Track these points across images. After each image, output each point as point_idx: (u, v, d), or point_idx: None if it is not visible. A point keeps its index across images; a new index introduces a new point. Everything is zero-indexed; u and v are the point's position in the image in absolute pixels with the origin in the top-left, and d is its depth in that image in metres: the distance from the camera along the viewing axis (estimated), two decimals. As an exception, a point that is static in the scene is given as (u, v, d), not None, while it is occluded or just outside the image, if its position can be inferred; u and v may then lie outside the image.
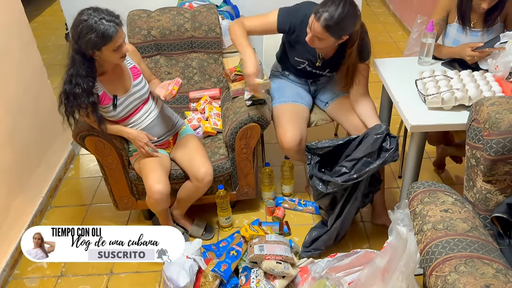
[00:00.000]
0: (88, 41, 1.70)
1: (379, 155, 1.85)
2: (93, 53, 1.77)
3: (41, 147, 2.59)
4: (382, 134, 1.84)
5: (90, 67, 1.81)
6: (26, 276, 2.18)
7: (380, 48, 4.05)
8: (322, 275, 1.86)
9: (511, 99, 1.41)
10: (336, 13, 1.78)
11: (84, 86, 1.80)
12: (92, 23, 1.69)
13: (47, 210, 2.57)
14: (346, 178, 1.85)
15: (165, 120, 2.13)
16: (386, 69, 2.10)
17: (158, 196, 1.93)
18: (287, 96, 2.22)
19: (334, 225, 2.02)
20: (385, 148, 1.84)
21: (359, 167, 1.85)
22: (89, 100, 1.84)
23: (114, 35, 1.72)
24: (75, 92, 1.80)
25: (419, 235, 1.32)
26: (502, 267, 1.15)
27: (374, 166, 1.83)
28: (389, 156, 1.83)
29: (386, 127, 1.87)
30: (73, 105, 1.84)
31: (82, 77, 1.79)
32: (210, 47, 2.51)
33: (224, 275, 1.90)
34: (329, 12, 1.79)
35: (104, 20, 1.70)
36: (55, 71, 3.21)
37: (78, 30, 1.71)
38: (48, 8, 5.86)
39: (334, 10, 1.78)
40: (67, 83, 1.81)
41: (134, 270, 2.16)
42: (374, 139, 1.84)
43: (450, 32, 2.14)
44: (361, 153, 1.85)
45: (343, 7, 1.79)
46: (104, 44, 1.72)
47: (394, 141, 1.84)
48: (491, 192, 1.42)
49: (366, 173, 1.84)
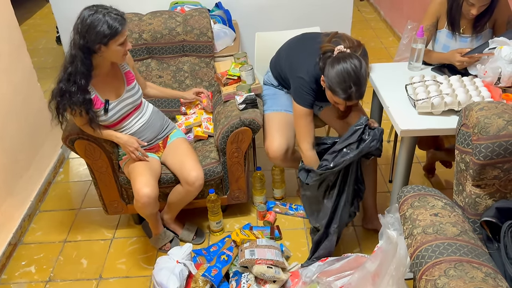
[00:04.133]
0: (98, 33, 1.73)
1: (358, 146, 1.85)
2: (99, 48, 1.78)
3: (30, 150, 2.57)
4: (362, 126, 1.83)
5: (89, 65, 1.82)
6: (13, 281, 2.15)
7: (371, 54, 4.03)
8: (313, 280, 1.86)
9: (499, 104, 1.42)
10: (358, 81, 1.71)
11: (81, 83, 1.80)
12: (100, 16, 1.73)
13: (36, 215, 2.54)
14: (324, 168, 1.87)
15: (155, 124, 2.13)
16: (377, 74, 2.12)
17: (145, 200, 1.92)
18: (280, 105, 2.21)
19: (331, 229, 2.01)
20: (364, 139, 1.84)
21: (338, 158, 1.86)
22: (84, 97, 1.83)
23: (122, 28, 1.76)
24: (71, 90, 1.80)
25: (409, 239, 1.32)
26: (491, 271, 1.16)
27: (351, 156, 1.83)
28: (365, 146, 1.82)
29: (366, 119, 1.86)
30: (66, 103, 1.83)
31: (80, 74, 1.80)
32: (202, 51, 2.50)
33: (215, 280, 1.90)
34: (355, 88, 1.71)
35: (112, 14, 1.75)
36: (45, 74, 3.19)
37: (86, 23, 1.73)
38: (39, 11, 5.83)
39: (355, 80, 1.70)
40: (64, 81, 1.81)
41: (123, 275, 2.14)
42: (353, 131, 1.84)
43: (440, 37, 2.17)
44: (341, 145, 1.86)
45: (356, 66, 1.71)
46: (113, 37, 1.75)
47: (372, 132, 1.83)
48: (480, 196, 1.43)
49: (342, 162, 1.83)
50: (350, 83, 1.71)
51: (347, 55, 1.75)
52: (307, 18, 3.06)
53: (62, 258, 2.26)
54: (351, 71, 1.71)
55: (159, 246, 2.23)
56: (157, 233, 2.19)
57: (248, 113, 2.08)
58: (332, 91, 1.77)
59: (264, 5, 3.03)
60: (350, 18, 3.11)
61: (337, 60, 1.75)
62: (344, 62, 1.72)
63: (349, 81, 1.71)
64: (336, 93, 1.76)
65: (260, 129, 2.12)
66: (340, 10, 3.06)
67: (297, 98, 1.97)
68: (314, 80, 1.92)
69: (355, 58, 1.73)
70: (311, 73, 1.91)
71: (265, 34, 2.56)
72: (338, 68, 1.72)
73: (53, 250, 2.30)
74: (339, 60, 1.74)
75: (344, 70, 1.71)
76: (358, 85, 1.72)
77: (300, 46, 2.07)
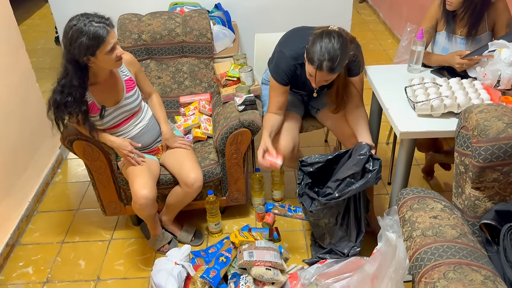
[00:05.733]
0: (80, 45, 1.67)
1: (362, 175, 1.85)
2: (87, 60, 1.73)
3: (28, 151, 2.56)
4: (366, 155, 1.84)
5: (82, 77, 1.78)
6: (11, 282, 2.14)
7: (370, 56, 4.08)
8: (311, 282, 1.86)
9: (499, 106, 1.42)
10: (334, 54, 1.72)
11: (76, 95, 1.78)
12: (81, 26, 1.67)
13: (34, 215, 2.53)
14: (329, 198, 1.86)
15: (154, 129, 2.12)
16: (376, 76, 2.11)
17: (143, 201, 1.91)
18: None
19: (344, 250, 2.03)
20: (368, 169, 1.84)
21: (342, 187, 1.85)
22: (80, 109, 1.82)
23: (105, 35, 1.69)
24: (66, 102, 1.78)
25: (408, 242, 1.32)
26: (490, 273, 1.16)
27: (357, 187, 1.83)
28: (371, 178, 1.82)
29: (369, 148, 1.87)
30: (63, 113, 1.82)
31: (74, 87, 1.77)
32: (201, 52, 2.50)
33: (213, 282, 1.89)
34: (327, 57, 1.73)
35: (94, 22, 1.68)
36: (44, 75, 3.19)
37: (69, 36, 1.69)
38: (38, 11, 5.82)
39: (331, 52, 1.72)
40: (58, 93, 1.78)
41: (121, 276, 2.13)
42: (357, 160, 1.84)
43: (439, 40, 2.17)
44: (345, 173, 1.86)
45: (337, 43, 1.73)
46: (97, 47, 1.69)
47: (377, 163, 1.84)
48: (479, 199, 1.43)
49: (348, 192, 1.83)
50: (325, 55, 1.73)
51: (333, 31, 1.78)
52: (306, 20, 3.03)
53: (59, 259, 2.25)
54: (330, 45, 1.73)
55: (157, 248, 2.22)
56: (155, 234, 2.19)
57: (247, 114, 2.08)
58: (308, 59, 1.79)
59: (263, 6, 3.03)
60: (349, 20, 3.11)
61: (322, 33, 1.78)
62: (327, 37, 1.75)
63: (325, 52, 1.73)
64: (310, 61, 1.78)
65: (259, 131, 2.11)
66: (339, 12, 3.07)
67: (272, 71, 2.02)
68: (295, 57, 1.95)
69: (339, 36, 1.76)
70: (294, 50, 1.94)
71: (265, 35, 2.56)
72: (320, 39, 1.76)
73: (51, 251, 2.29)
74: (323, 34, 1.77)
75: (324, 42, 1.75)
76: (332, 60, 1.74)
77: (294, 32, 2.09)
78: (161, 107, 2.17)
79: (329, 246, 2.05)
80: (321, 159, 1.98)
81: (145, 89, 2.13)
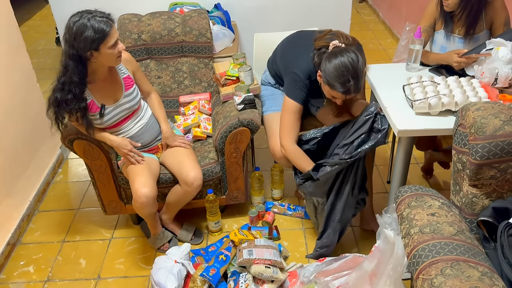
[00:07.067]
0: (86, 39, 1.70)
1: (369, 136, 1.82)
2: (90, 55, 1.76)
3: (29, 150, 2.57)
4: (372, 114, 1.81)
5: (82, 72, 1.80)
6: (12, 281, 2.15)
7: (370, 56, 4.06)
8: (310, 279, 1.87)
9: (496, 104, 1.43)
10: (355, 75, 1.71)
11: (76, 92, 1.79)
12: (85, 21, 1.70)
13: (35, 215, 2.54)
14: (338, 159, 1.82)
15: (154, 127, 2.13)
16: (375, 75, 2.12)
17: (144, 200, 1.92)
18: (279, 105, 2.19)
19: (331, 225, 2.01)
20: (377, 129, 1.81)
21: (351, 150, 1.82)
22: (80, 106, 1.83)
23: (109, 29, 1.73)
24: (67, 99, 1.80)
25: (406, 239, 1.33)
26: (488, 270, 1.16)
27: (366, 148, 1.79)
28: (381, 137, 1.79)
29: (376, 107, 1.83)
30: (64, 111, 1.83)
31: (74, 84, 1.78)
32: (201, 51, 2.51)
33: (213, 280, 1.90)
34: (353, 82, 1.71)
35: (97, 17, 1.72)
36: (44, 75, 3.19)
37: (73, 31, 1.71)
38: (39, 12, 5.83)
39: (353, 74, 1.70)
40: (59, 91, 1.80)
41: (122, 275, 2.14)
42: (364, 121, 1.81)
43: (438, 39, 2.18)
44: (352, 137, 1.82)
45: (355, 61, 1.71)
46: (102, 40, 1.72)
47: (386, 122, 1.81)
48: (477, 196, 1.44)
49: (358, 154, 1.80)
50: (348, 77, 1.71)
51: (343, 49, 1.76)
52: (306, 19, 3.07)
53: (60, 258, 2.26)
54: (349, 65, 1.71)
55: (158, 246, 2.23)
56: (155, 233, 2.19)
57: (247, 114, 2.09)
58: (330, 85, 1.77)
59: (263, 6, 3.04)
60: (349, 19, 3.12)
61: (333, 54, 1.75)
62: (341, 56, 1.73)
63: (347, 75, 1.71)
64: (334, 87, 1.76)
65: (258, 130, 2.12)
66: (338, 11, 3.07)
67: (289, 93, 1.98)
68: (308, 76, 1.93)
69: (351, 52, 1.74)
70: (305, 69, 1.92)
71: (264, 35, 2.56)
72: (335, 62, 1.73)
73: (52, 250, 2.30)
74: (335, 55, 1.74)
75: (341, 64, 1.72)
76: (356, 79, 1.72)
77: (294, 43, 2.08)
78: (160, 106, 2.18)
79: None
80: (318, 133, 1.96)
81: (144, 88, 2.14)
